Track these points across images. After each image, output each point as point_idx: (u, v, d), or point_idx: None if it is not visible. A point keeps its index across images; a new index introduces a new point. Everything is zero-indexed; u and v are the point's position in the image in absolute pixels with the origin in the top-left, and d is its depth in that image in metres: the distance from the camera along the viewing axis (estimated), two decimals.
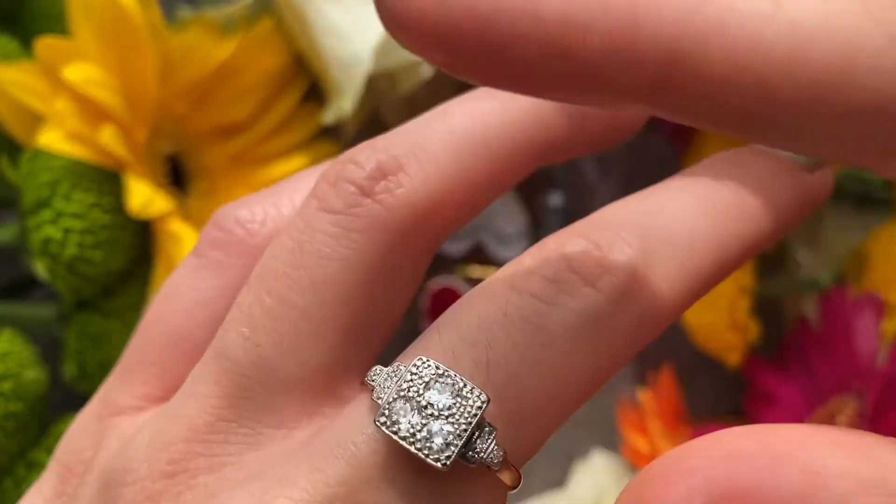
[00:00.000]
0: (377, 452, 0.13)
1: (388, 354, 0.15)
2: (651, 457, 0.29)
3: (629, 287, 0.13)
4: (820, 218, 0.31)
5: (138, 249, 0.28)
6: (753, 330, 0.29)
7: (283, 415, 0.14)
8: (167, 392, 0.16)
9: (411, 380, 0.13)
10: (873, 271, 0.27)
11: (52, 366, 0.27)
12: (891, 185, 0.28)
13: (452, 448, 0.12)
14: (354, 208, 0.14)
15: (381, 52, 0.28)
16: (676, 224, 0.14)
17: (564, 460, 0.33)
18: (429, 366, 0.13)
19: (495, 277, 0.14)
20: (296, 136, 0.32)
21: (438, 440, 0.12)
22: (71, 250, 0.25)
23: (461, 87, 0.28)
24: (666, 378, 0.31)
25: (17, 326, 0.26)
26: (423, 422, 0.12)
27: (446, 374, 0.13)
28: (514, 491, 0.13)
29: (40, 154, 0.26)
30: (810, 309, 0.30)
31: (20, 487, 0.25)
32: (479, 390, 0.13)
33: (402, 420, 0.12)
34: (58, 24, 0.30)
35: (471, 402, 0.12)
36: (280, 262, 0.14)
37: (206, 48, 0.29)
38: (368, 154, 0.14)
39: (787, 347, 0.30)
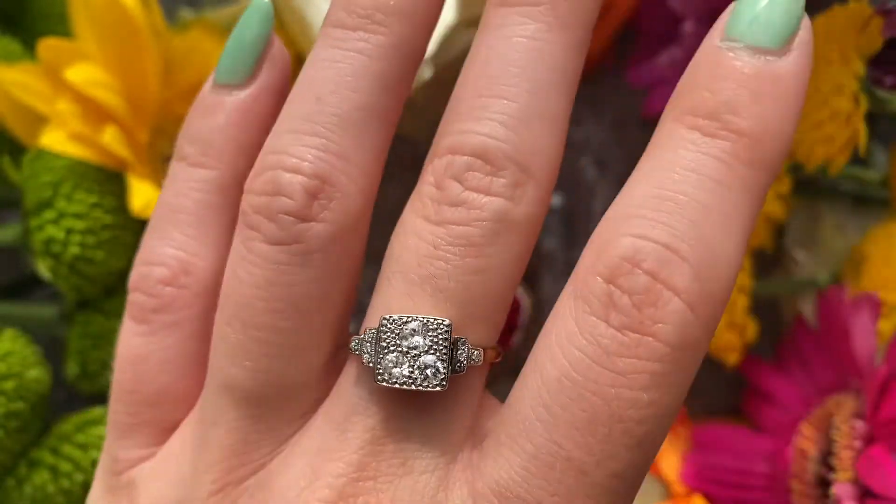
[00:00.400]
0: (381, 402, 0.15)
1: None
2: None
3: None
4: (818, 218, 0.31)
5: None
6: (751, 329, 0.29)
7: (299, 410, 0.16)
8: (168, 433, 0.18)
9: (387, 336, 0.15)
10: (871, 271, 0.27)
11: (55, 365, 0.27)
12: (888, 184, 0.28)
13: (442, 373, 0.15)
14: (303, 234, 0.15)
15: None
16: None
17: None
18: (393, 319, 0.15)
19: (404, 217, 0.16)
20: None
21: (429, 372, 0.15)
22: (73, 250, 0.25)
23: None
24: None
25: (19, 326, 0.26)
26: (411, 364, 0.15)
27: (411, 318, 0.15)
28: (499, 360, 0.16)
29: (42, 155, 0.26)
30: (808, 308, 0.30)
31: (22, 486, 0.25)
32: (440, 318, 0.15)
33: (394, 371, 0.15)
34: (60, 25, 0.30)
35: (439, 332, 0.15)
36: (254, 297, 0.16)
37: (207, 49, 0.29)
38: (288, 181, 0.15)
39: (785, 347, 0.30)
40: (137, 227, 0.27)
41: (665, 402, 0.14)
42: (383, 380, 0.15)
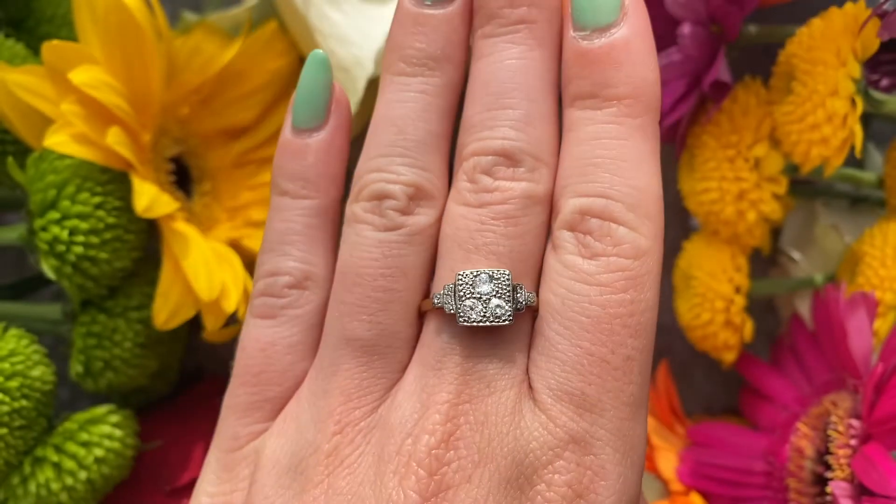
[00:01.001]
0: (464, 342, 0.20)
1: None
2: (647, 454, 0.29)
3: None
4: (814, 218, 0.31)
5: (143, 249, 0.28)
6: (748, 328, 0.29)
7: (401, 361, 0.21)
8: (284, 405, 0.22)
9: (462, 287, 0.19)
10: (867, 271, 0.27)
11: (59, 364, 0.27)
12: (884, 185, 0.28)
13: (508, 311, 0.19)
14: (406, 222, 0.21)
15: (382, 56, 0.28)
16: None
17: None
18: (466, 274, 0.19)
19: (447, 210, 0.21)
20: None
21: (498, 311, 0.19)
22: (77, 250, 0.26)
23: (461, 90, 0.30)
24: (662, 376, 0.31)
25: (23, 325, 0.26)
26: (484, 306, 0.19)
27: (480, 272, 0.19)
28: None
29: (46, 156, 0.26)
30: (804, 308, 0.30)
31: (26, 484, 0.26)
32: (502, 269, 0.20)
33: (471, 314, 0.19)
34: (64, 28, 0.30)
35: (502, 280, 0.19)
36: (371, 267, 0.21)
37: (210, 51, 0.30)
38: (391, 188, 0.21)
39: (782, 346, 0.30)
40: (141, 227, 0.27)
41: (643, 297, 0.20)
42: (465, 321, 0.19)
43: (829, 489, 0.25)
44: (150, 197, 0.25)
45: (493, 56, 0.21)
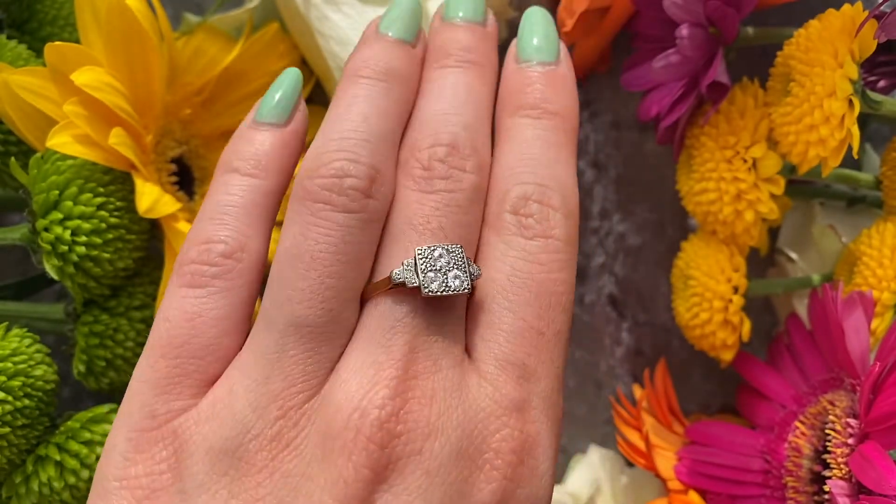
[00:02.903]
0: (415, 319, 0.20)
1: None
2: (646, 452, 0.29)
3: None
4: (811, 218, 0.31)
5: (145, 249, 0.28)
6: (746, 328, 0.29)
7: (343, 340, 0.21)
8: (207, 386, 0.21)
9: (422, 262, 0.20)
10: (864, 271, 0.27)
11: (61, 363, 0.27)
12: (881, 185, 0.28)
13: (467, 280, 0.21)
14: (367, 206, 0.21)
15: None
16: None
17: (561, 456, 0.33)
18: (424, 249, 0.21)
19: (398, 195, 0.22)
20: None
21: (457, 281, 0.20)
22: (79, 250, 0.26)
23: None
24: (660, 375, 0.31)
25: (26, 325, 0.27)
26: (443, 277, 0.20)
27: (437, 246, 0.21)
28: None
29: (49, 156, 0.26)
30: (802, 308, 0.30)
31: (29, 482, 0.26)
32: (454, 244, 0.21)
33: (433, 285, 0.20)
34: (66, 29, 0.30)
35: (457, 252, 0.21)
36: (328, 252, 0.21)
37: (211, 53, 0.30)
38: (354, 167, 0.21)
39: (779, 345, 0.30)
40: (143, 227, 0.27)
41: (569, 278, 0.22)
42: (428, 292, 0.20)
43: (826, 488, 0.25)
44: (152, 197, 0.26)
45: (448, 79, 0.24)
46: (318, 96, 0.33)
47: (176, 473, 0.20)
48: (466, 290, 0.21)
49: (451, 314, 0.21)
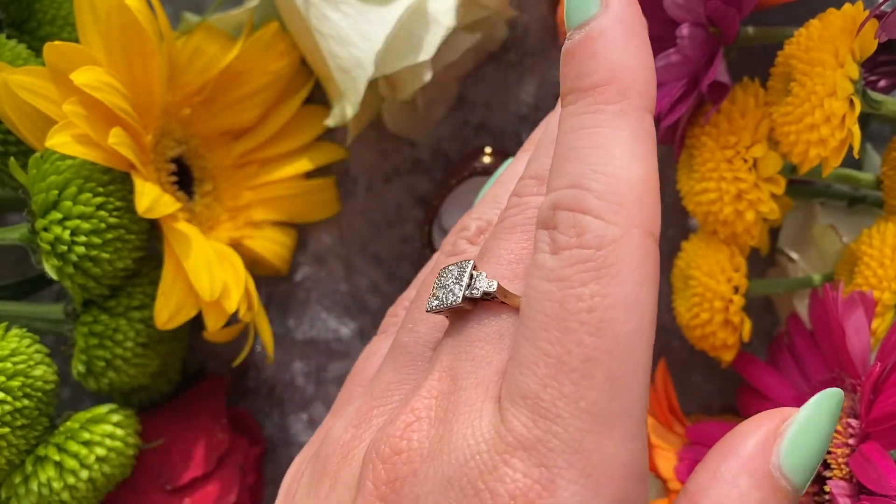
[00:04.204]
0: (445, 336, 0.20)
1: None
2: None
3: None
4: (812, 218, 0.31)
5: (145, 249, 0.28)
6: (746, 328, 0.29)
7: (421, 365, 0.21)
8: None
9: (436, 284, 0.20)
10: (864, 271, 0.27)
11: (61, 363, 0.27)
12: (882, 185, 0.28)
13: (459, 295, 0.19)
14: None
15: (382, 57, 0.28)
16: None
17: None
18: (449, 268, 0.20)
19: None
20: (299, 139, 0.32)
21: (450, 297, 0.20)
22: (79, 250, 0.26)
23: (460, 91, 0.30)
24: (661, 375, 0.31)
25: (25, 325, 0.27)
26: (443, 293, 0.20)
27: (447, 268, 0.20)
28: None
29: (48, 156, 0.26)
30: (802, 308, 0.30)
31: (28, 482, 0.26)
32: (467, 261, 0.20)
33: (432, 301, 0.20)
34: (65, 29, 0.30)
35: (464, 267, 0.20)
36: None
37: (211, 52, 0.30)
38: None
39: (780, 345, 0.30)
40: (142, 227, 0.27)
41: (607, 291, 0.18)
42: (429, 309, 0.20)
43: (827, 488, 0.25)
44: (151, 197, 0.25)
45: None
46: (318, 96, 0.33)
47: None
48: (458, 304, 0.19)
49: (481, 332, 0.20)
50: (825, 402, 0.19)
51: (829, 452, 0.26)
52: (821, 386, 0.28)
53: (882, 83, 0.29)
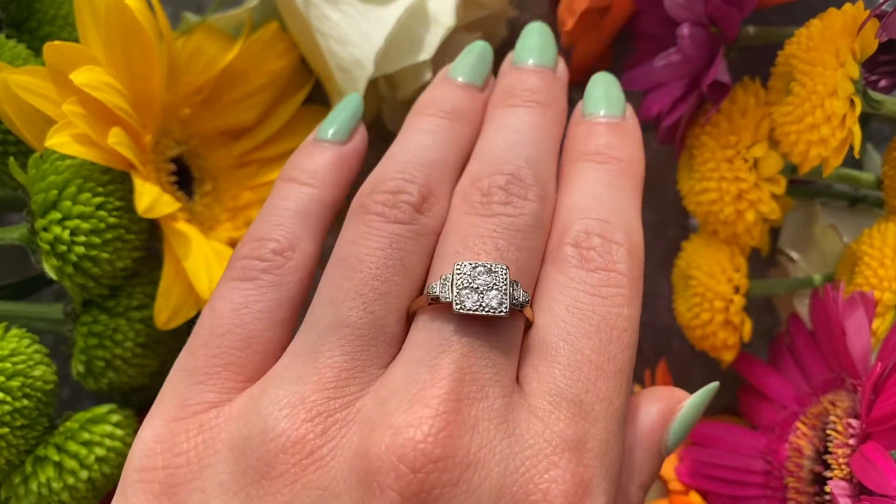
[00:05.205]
0: (462, 340, 0.19)
1: None
2: None
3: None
4: (812, 218, 0.31)
5: (145, 249, 0.28)
6: (747, 328, 0.29)
7: (385, 358, 0.20)
8: (246, 383, 0.21)
9: (460, 277, 0.19)
10: (865, 271, 0.27)
11: (60, 364, 0.27)
12: (882, 185, 0.28)
13: (505, 302, 0.19)
14: (418, 219, 0.21)
15: (382, 57, 0.28)
16: None
17: None
18: (464, 264, 0.20)
19: (455, 218, 0.22)
20: (299, 139, 0.32)
21: (494, 302, 0.19)
22: (78, 250, 0.26)
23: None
24: (661, 375, 0.31)
25: (25, 325, 0.27)
26: (479, 296, 0.19)
27: (478, 263, 0.20)
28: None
29: (48, 156, 0.26)
30: (803, 308, 0.30)
31: (28, 483, 0.26)
32: (500, 263, 0.20)
33: (467, 301, 0.19)
34: (65, 28, 0.30)
35: (500, 272, 0.20)
36: (376, 257, 0.21)
37: (211, 52, 0.30)
38: (410, 186, 0.22)
39: (780, 345, 0.30)
40: (142, 227, 0.27)
41: (633, 315, 0.21)
42: (460, 308, 0.19)
43: (827, 488, 0.25)
44: (151, 197, 0.25)
45: (513, 117, 0.24)
46: (318, 96, 0.33)
47: (196, 470, 0.19)
48: (503, 312, 0.19)
49: (501, 340, 0.20)
50: (708, 394, 0.23)
51: (829, 452, 0.26)
52: (821, 386, 0.28)
53: (883, 83, 0.29)
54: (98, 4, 0.25)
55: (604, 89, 0.25)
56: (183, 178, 0.30)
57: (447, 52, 0.30)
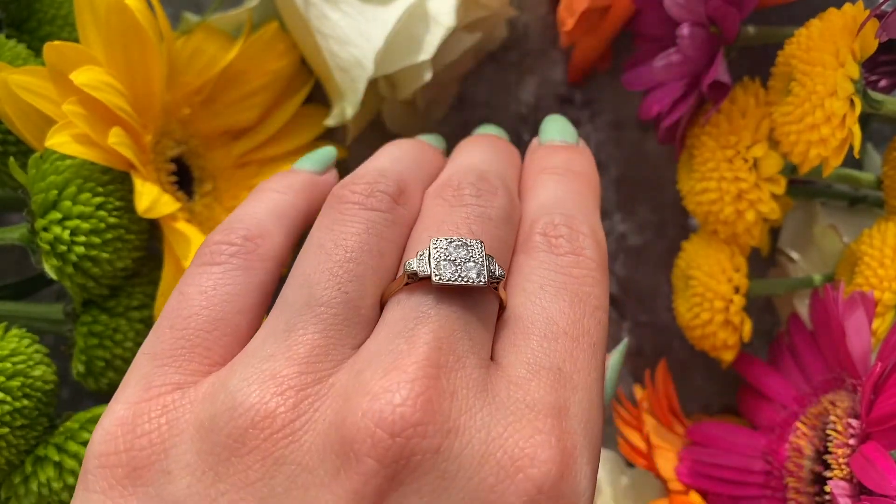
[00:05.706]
0: (440, 312, 0.19)
1: None
2: (646, 453, 0.29)
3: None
4: (812, 218, 0.31)
5: (145, 249, 0.28)
6: (747, 328, 0.29)
7: (358, 339, 0.20)
8: (213, 367, 0.20)
9: (437, 251, 0.20)
10: (865, 271, 0.27)
11: (60, 364, 0.27)
12: (882, 185, 0.28)
13: (484, 273, 0.20)
14: (394, 209, 0.22)
15: (382, 57, 0.28)
16: None
17: None
18: (441, 239, 0.20)
19: (429, 211, 0.23)
20: (299, 139, 0.32)
21: (472, 273, 0.20)
22: (78, 250, 0.26)
23: (460, 91, 0.30)
24: (661, 375, 0.31)
25: (25, 325, 0.27)
26: (457, 267, 0.20)
27: (453, 239, 0.20)
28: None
29: (48, 156, 0.26)
30: (803, 308, 0.30)
31: (28, 483, 0.26)
32: (476, 240, 0.20)
33: (446, 271, 0.20)
34: (65, 29, 0.30)
35: (476, 246, 0.20)
36: (352, 240, 0.21)
37: (211, 52, 0.30)
38: (385, 179, 0.23)
39: (780, 345, 0.30)
40: (142, 227, 0.27)
41: (602, 296, 0.21)
42: (438, 278, 0.19)
43: (827, 488, 0.25)
44: (151, 197, 0.25)
45: (478, 147, 0.26)
46: (318, 96, 0.33)
47: (161, 451, 0.18)
48: (482, 282, 0.19)
49: (478, 314, 0.20)
50: (622, 353, 0.25)
51: (829, 452, 0.26)
52: (821, 386, 0.28)
53: (883, 83, 0.29)
54: (98, 4, 0.25)
55: (559, 125, 0.27)
56: (183, 178, 0.30)
57: (447, 52, 0.30)
